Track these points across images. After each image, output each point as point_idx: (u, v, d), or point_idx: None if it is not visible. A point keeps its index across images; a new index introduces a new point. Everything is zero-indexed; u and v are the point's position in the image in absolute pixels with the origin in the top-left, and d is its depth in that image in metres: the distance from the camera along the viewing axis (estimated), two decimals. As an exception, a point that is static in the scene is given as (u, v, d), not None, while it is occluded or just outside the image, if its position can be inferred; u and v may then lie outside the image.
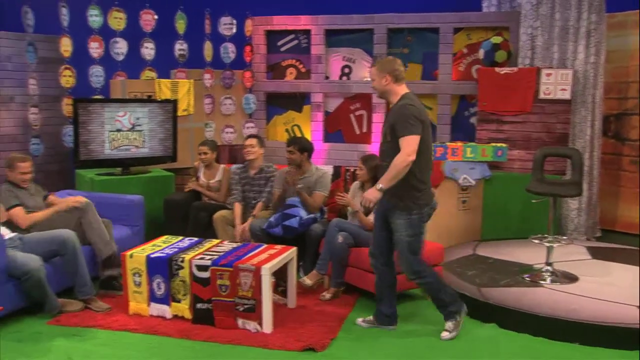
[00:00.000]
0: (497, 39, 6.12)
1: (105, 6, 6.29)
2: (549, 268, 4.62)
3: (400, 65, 3.81)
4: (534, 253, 5.00)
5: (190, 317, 4.08)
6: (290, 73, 7.24)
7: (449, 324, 3.90)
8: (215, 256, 4.11)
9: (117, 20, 6.34)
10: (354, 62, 7.02)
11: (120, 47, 6.39)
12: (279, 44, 7.22)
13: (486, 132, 6.10)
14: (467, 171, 5.81)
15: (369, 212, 4.43)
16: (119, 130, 5.80)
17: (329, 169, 5.70)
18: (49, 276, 4.09)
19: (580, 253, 5.36)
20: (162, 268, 4.12)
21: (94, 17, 6.24)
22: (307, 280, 4.59)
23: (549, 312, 3.93)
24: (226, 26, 6.92)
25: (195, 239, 4.60)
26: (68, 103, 6.11)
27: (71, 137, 5.86)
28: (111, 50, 6.36)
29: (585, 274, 4.69)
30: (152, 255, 4.16)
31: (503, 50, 6.07)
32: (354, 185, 4.92)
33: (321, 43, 6.95)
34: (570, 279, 4.59)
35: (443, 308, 3.93)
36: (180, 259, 4.08)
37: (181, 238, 4.62)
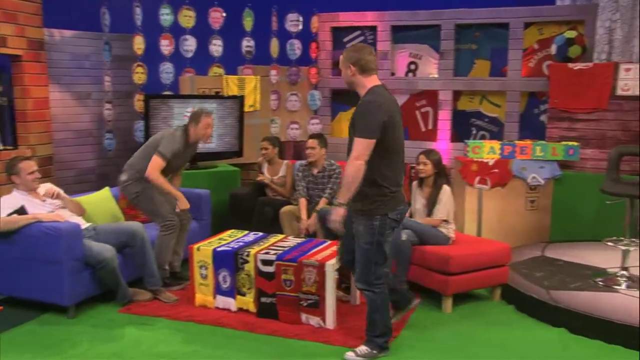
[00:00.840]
0: (571, 33, 5.90)
1: (176, 5, 6.46)
2: (624, 272, 4.42)
3: (368, 54, 3.38)
4: (607, 256, 4.80)
5: (254, 311, 4.14)
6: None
7: (363, 348, 3.54)
8: (280, 251, 4.15)
9: (187, 18, 6.50)
10: (420, 59, 6.93)
11: (190, 44, 6.55)
12: (345, 40, 7.21)
13: (557, 130, 5.89)
14: (536, 170, 5.64)
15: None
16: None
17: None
18: (120, 266, 4.25)
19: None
20: (228, 261, 4.19)
21: (165, 16, 6.42)
22: None
23: (625, 319, 3.76)
24: (292, 23, 6.97)
25: (260, 233, 4.66)
26: (139, 99, 6.31)
27: (142, 132, 6.04)
28: (181, 48, 6.52)
29: (663, 280, 4.46)
30: (219, 249, 4.25)
31: (577, 45, 5.84)
32: (413, 185, 4.85)
33: (387, 39, 6.89)
34: (648, 284, 4.38)
35: (370, 332, 3.57)
36: (246, 253, 4.14)
37: (246, 232, 4.69)
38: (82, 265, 4.13)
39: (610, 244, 4.54)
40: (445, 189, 4.56)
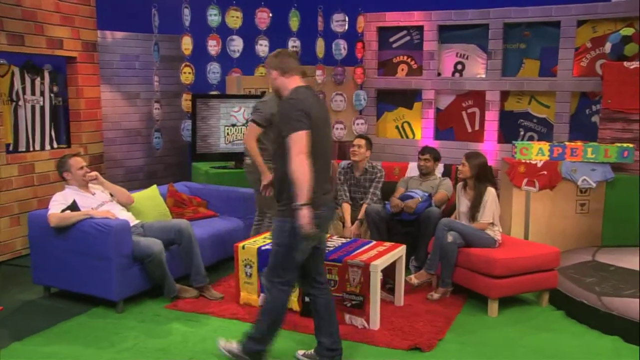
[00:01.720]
0: (628, 31, 5.70)
1: (224, 5, 6.55)
2: (680, 279, 4.26)
3: (287, 56, 3.30)
4: (662, 262, 4.64)
5: (298, 310, 4.15)
6: (402, 69, 7.16)
7: (237, 347, 3.37)
8: (325, 251, 4.14)
9: (234, 18, 6.59)
10: (467, 59, 6.83)
11: (236, 45, 6.63)
12: (391, 40, 7.16)
13: (610, 132, 5.71)
14: (588, 172, 5.48)
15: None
16: (233, 125, 6.01)
17: (440, 167, 5.65)
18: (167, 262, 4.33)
19: None
20: (273, 260, 4.21)
21: (213, 17, 6.53)
22: (414, 279, 4.53)
23: (681, 328, 3.62)
24: (338, 23, 6.97)
25: (305, 233, 4.66)
26: (187, 99, 6.42)
27: (189, 131, 6.15)
28: (228, 48, 6.61)
29: None
30: (263, 248, 4.27)
31: (634, 42, 5.65)
32: (458, 187, 4.79)
33: (434, 39, 6.82)
34: None
35: (252, 333, 3.34)
36: (290, 252, 4.14)
37: (291, 231, 4.70)
38: (131, 261, 4.23)
39: (666, 249, 4.38)
40: (490, 191, 4.49)
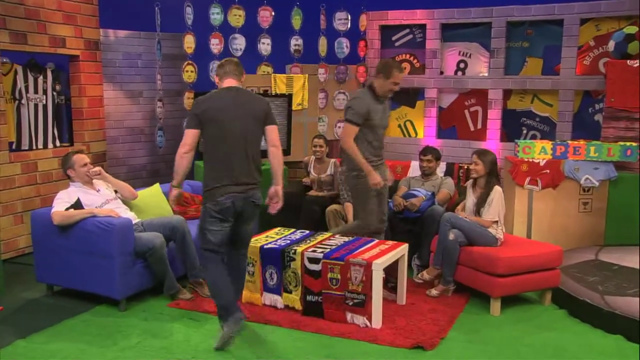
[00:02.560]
0: (632, 29, 5.68)
1: (226, 4, 6.54)
2: (683, 278, 4.26)
3: (224, 65, 3.77)
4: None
5: (300, 308, 4.16)
6: (404, 68, 7.16)
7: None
8: (327, 249, 4.15)
9: (237, 17, 6.58)
10: (469, 57, 6.82)
11: (239, 43, 6.63)
12: (394, 38, 7.15)
13: (614, 130, 5.69)
14: (590, 171, 5.47)
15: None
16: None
17: (442, 166, 5.65)
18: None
19: None
20: (275, 259, 4.22)
21: (215, 15, 6.52)
22: (426, 275, 4.57)
23: (683, 327, 3.62)
24: (341, 21, 6.96)
25: (307, 231, 4.67)
26: (189, 97, 6.42)
27: (192, 130, 6.14)
28: (230, 46, 6.60)
29: None
30: (266, 246, 4.28)
31: (638, 41, 5.64)
32: (467, 185, 4.78)
33: (437, 37, 6.81)
34: None
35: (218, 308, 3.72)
36: (293, 251, 4.15)
37: (293, 230, 4.71)
38: (134, 259, 4.24)
39: (669, 248, 4.37)
40: (497, 189, 4.48)
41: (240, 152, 3.66)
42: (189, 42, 6.48)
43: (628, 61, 5.59)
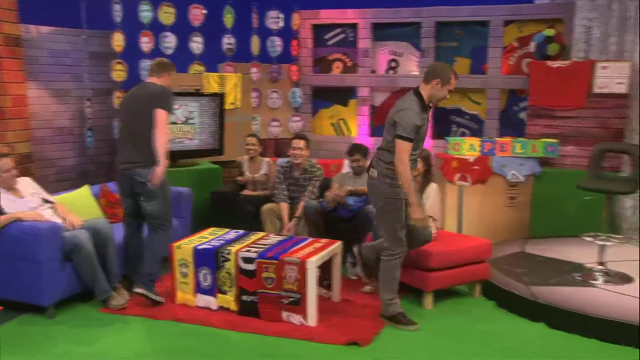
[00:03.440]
0: (550, 32, 5.96)
1: (156, 1, 6.41)
2: (601, 267, 4.48)
3: (152, 62, 4.46)
4: (585, 252, 4.84)
5: (236, 309, 4.13)
6: (337, 67, 7.22)
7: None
8: (262, 249, 4.14)
9: (167, 14, 6.45)
10: (401, 56, 6.95)
11: (170, 42, 6.50)
12: (326, 37, 7.20)
13: (537, 128, 5.95)
14: (516, 167, 5.69)
15: None
16: (173, 123, 5.90)
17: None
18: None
19: (635, 253, 5.18)
20: (209, 259, 4.18)
21: (145, 12, 6.37)
22: (365, 279, 4.65)
23: (602, 313, 3.81)
24: (273, 20, 6.95)
25: (242, 231, 4.65)
26: (119, 96, 6.25)
27: (122, 130, 5.99)
28: (161, 45, 6.47)
29: (640, 275, 4.54)
30: (199, 247, 4.23)
31: (556, 43, 5.91)
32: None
33: (368, 37, 6.90)
34: (625, 279, 4.44)
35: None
36: (227, 251, 4.12)
37: (227, 230, 4.67)
38: (62, 263, 4.09)
39: (589, 239, 4.59)
40: (433, 186, 4.58)
41: (130, 135, 4.23)
42: (118, 40, 6.31)
43: (548, 62, 5.84)
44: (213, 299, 4.21)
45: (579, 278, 4.47)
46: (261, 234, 4.58)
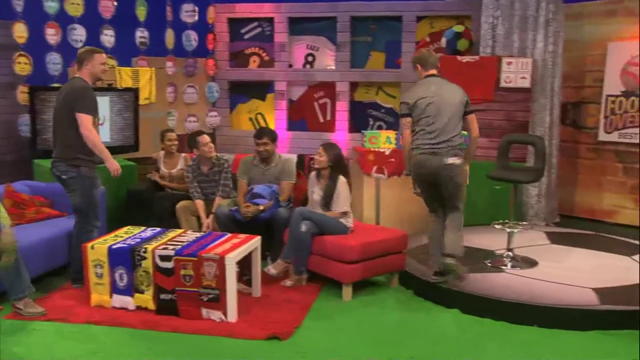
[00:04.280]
0: (460, 28, 6.19)
1: (62, -9, 6.13)
2: (509, 253, 4.72)
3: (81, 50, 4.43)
4: (496, 239, 5.09)
5: (154, 308, 4.04)
6: (254, 61, 7.19)
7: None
8: (179, 246, 4.07)
9: (74, 6, 6.17)
10: (317, 50, 7.01)
11: (79, 34, 6.22)
12: (242, 31, 7.15)
13: (449, 120, 6.15)
14: (431, 159, 5.84)
15: None
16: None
17: (293, 157, 5.72)
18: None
19: (540, 238, 5.49)
20: (125, 259, 4.06)
21: (50, 3, 6.06)
22: (272, 270, 4.59)
23: (510, 297, 4.02)
24: (188, 13, 6.81)
25: (158, 229, 4.54)
26: (24, 91, 5.95)
27: (28, 126, 5.71)
28: (69, 37, 6.19)
29: (544, 259, 4.80)
30: (114, 246, 4.10)
31: (465, 38, 6.14)
32: (312, 176, 4.89)
33: (285, 31, 6.91)
34: (530, 263, 4.70)
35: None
36: (143, 250, 4.02)
37: (143, 228, 4.55)
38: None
39: (498, 227, 4.82)
40: (341, 180, 4.65)
41: (53, 132, 4.41)
42: (20, 31, 5.98)
43: (458, 57, 6.06)
44: (130, 299, 4.09)
45: (489, 264, 4.68)
46: (179, 231, 4.49)
